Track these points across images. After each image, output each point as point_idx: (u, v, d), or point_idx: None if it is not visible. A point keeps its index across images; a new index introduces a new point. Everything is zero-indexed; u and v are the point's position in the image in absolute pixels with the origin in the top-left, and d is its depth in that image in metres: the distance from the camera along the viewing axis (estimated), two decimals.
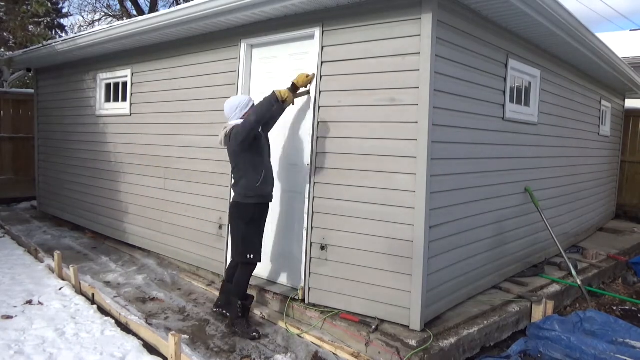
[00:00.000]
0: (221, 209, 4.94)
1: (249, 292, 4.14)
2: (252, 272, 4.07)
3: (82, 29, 17.73)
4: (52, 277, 5.07)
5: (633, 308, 5.14)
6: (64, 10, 20.64)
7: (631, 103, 9.62)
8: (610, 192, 8.97)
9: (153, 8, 16.92)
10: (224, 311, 4.16)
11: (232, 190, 4.14)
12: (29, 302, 4.38)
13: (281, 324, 4.11)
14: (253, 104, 4.04)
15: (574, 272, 5.07)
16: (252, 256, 3.97)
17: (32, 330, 3.81)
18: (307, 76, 4.03)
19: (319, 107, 4.10)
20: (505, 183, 4.81)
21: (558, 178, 6.14)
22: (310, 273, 4.14)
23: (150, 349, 3.54)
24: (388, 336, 3.54)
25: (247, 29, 4.70)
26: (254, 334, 3.87)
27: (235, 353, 3.63)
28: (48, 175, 8.43)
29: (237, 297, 3.98)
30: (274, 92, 3.92)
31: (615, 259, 6.26)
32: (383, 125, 3.73)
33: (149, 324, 3.96)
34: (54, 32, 19.43)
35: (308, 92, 4.16)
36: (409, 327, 3.60)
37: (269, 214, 4.15)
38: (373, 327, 3.62)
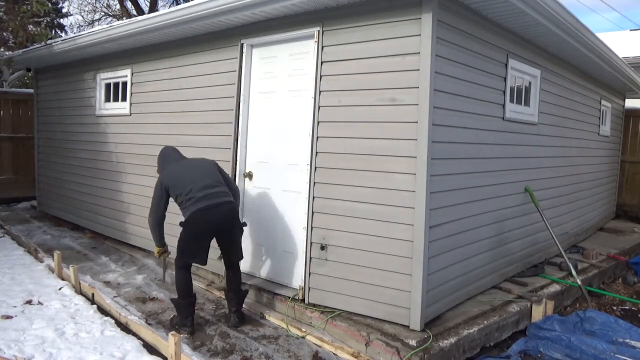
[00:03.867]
0: None
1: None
2: None
3: (81, 28, 17.74)
4: (51, 277, 5.07)
5: (633, 308, 5.14)
6: (64, 10, 20.65)
7: (631, 103, 9.61)
8: (610, 192, 8.96)
9: (153, 8, 16.91)
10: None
11: (229, 202, 4.06)
12: (29, 302, 4.38)
13: (281, 324, 4.11)
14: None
15: (574, 272, 5.07)
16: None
17: (32, 330, 3.80)
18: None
19: (319, 107, 4.09)
20: (505, 183, 4.80)
21: (558, 178, 6.14)
22: (310, 273, 4.14)
23: (150, 349, 3.54)
24: (388, 336, 3.54)
25: (247, 29, 4.69)
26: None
27: (235, 353, 3.63)
28: (48, 175, 8.43)
29: None
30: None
31: (615, 259, 6.26)
32: (383, 125, 3.73)
33: (149, 324, 3.96)
34: (53, 32, 19.43)
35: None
36: (409, 327, 3.60)
37: (269, 213, 4.12)
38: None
